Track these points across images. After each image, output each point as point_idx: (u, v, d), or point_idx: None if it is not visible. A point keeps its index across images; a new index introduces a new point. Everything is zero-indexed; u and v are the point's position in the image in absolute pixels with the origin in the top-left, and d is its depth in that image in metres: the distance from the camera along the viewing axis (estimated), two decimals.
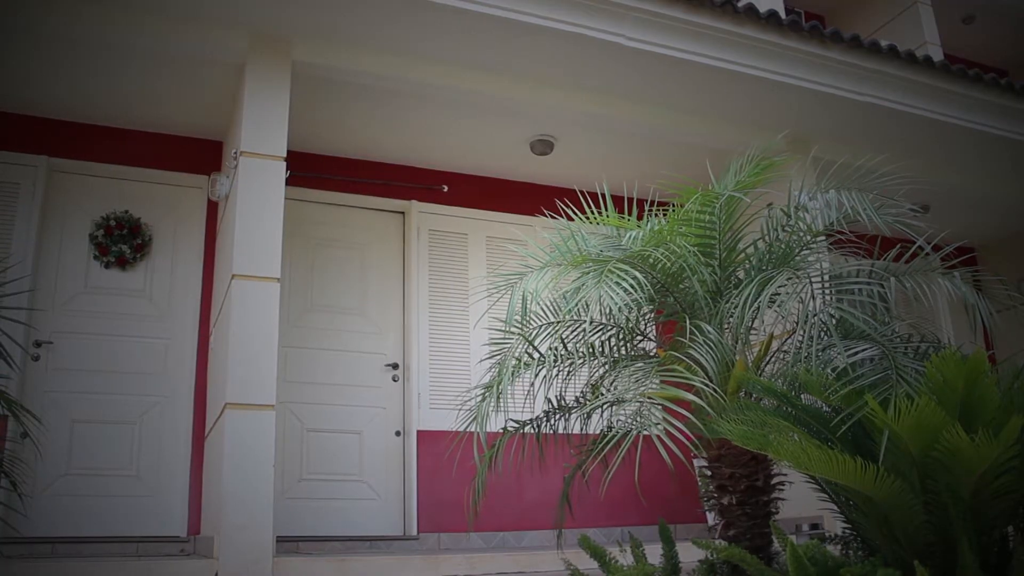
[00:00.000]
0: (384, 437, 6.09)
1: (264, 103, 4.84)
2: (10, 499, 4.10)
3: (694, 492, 3.59)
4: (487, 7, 4.76)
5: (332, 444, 5.90)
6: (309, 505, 5.66)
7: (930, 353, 2.80)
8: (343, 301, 6.24)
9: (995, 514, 2.38)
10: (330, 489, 5.79)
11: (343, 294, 6.25)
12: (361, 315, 6.28)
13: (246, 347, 4.43)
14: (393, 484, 6.00)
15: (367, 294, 6.34)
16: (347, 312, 6.23)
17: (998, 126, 6.45)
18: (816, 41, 5.67)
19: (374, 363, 6.22)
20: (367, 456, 5.98)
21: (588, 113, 5.88)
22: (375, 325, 6.31)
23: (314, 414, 5.89)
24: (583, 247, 3.37)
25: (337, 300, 6.22)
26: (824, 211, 3.36)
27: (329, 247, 6.30)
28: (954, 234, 3.74)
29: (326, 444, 5.88)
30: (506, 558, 4.78)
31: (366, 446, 6.00)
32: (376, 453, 6.02)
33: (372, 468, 5.98)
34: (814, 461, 2.29)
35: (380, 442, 6.06)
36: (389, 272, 6.45)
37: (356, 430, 6.00)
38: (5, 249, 5.22)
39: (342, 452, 5.92)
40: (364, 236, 6.45)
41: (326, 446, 5.87)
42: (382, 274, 6.43)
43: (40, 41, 4.82)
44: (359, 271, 6.36)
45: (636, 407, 2.84)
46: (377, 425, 6.08)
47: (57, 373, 5.30)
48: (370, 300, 6.34)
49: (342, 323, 6.19)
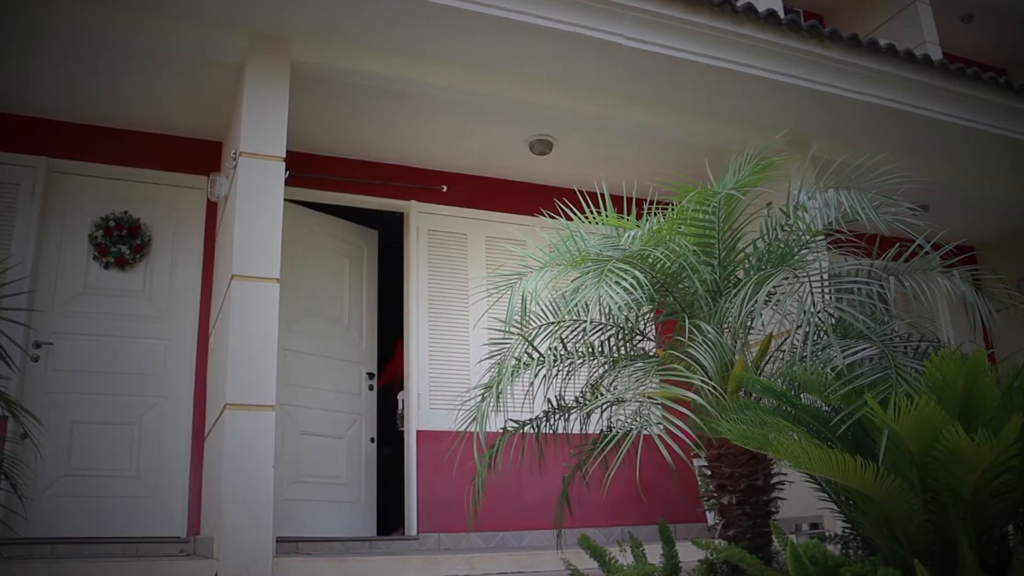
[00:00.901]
0: (362, 443, 6.27)
1: (263, 103, 4.84)
2: (10, 500, 4.10)
3: (694, 492, 3.59)
4: (486, 7, 4.76)
5: (322, 447, 5.97)
6: (296, 506, 5.68)
7: (930, 352, 2.80)
8: (328, 308, 6.31)
9: (995, 513, 2.38)
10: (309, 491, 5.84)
11: (329, 301, 6.32)
12: (339, 322, 6.37)
13: (246, 347, 4.43)
14: (369, 487, 6.20)
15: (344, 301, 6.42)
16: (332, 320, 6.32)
17: (997, 125, 6.45)
18: (815, 40, 5.67)
19: (355, 371, 6.37)
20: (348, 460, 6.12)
21: (587, 113, 5.88)
22: (357, 332, 6.45)
23: (306, 417, 5.91)
24: (582, 247, 3.37)
25: (321, 307, 6.27)
26: (823, 210, 3.36)
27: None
28: (953, 233, 3.74)
29: (316, 447, 5.93)
30: (506, 558, 4.78)
31: (346, 450, 6.11)
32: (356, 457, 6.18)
33: (352, 472, 6.12)
34: (814, 460, 2.30)
35: (359, 447, 6.23)
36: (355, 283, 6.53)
37: (339, 435, 6.08)
38: (5, 250, 5.21)
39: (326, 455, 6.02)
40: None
41: (316, 449, 5.93)
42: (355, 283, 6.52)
43: (40, 41, 4.81)
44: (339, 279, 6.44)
45: (636, 407, 2.84)
46: (356, 431, 6.22)
47: (57, 374, 5.30)
48: (352, 307, 6.46)
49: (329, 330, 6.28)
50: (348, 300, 6.44)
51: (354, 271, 6.57)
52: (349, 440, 6.15)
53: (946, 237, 3.25)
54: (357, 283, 6.56)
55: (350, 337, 6.40)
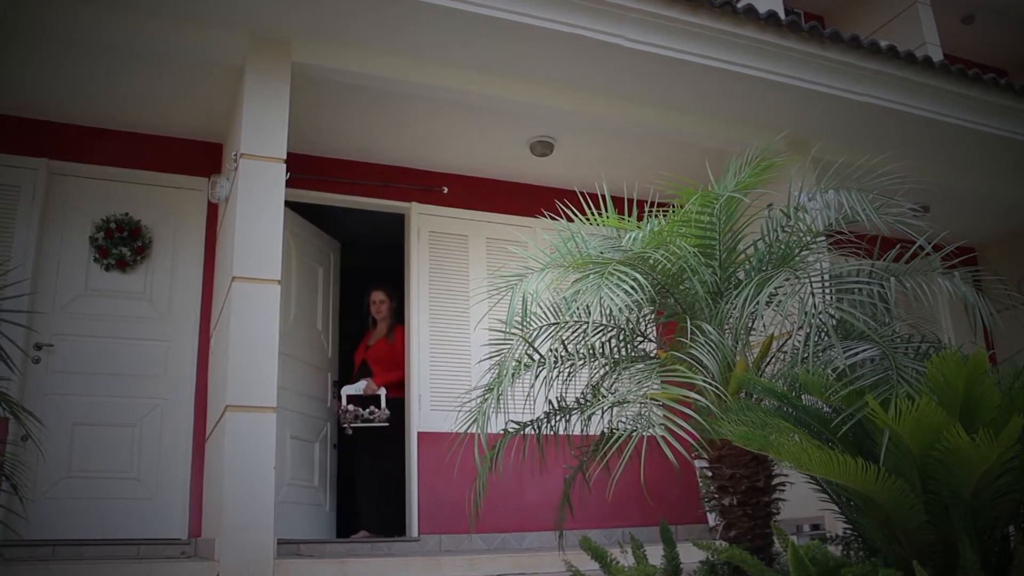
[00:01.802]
0: (328, 448, 6.33)
1: (264, 105, 4.84)
2: (11, 502, 4.09)
3: (695, 493, 3.59)
4: (487, 9, 4.76)
5: (302, 451, 6.00)
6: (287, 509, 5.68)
7: (931, 353, 2.80)
8: (306, 313, 6.34)
9: (996, 514, 2.38)
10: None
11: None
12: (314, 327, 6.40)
13: (246, 349, 4.43)
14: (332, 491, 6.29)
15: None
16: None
17: (998, 126, 6.45)
18: (815, 41, 5.67)
19: (324, 377, 6.44)
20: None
21: (588, 114, 5.88)
22: (326, 338, 6.51)
23: (293, 421, 5.92)
24: (583, 248, 3.36)
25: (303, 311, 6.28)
26: (824, 211, 3.36)
27: None
28: (954, 234, 3.73)
29: (297, 451, 5.95)
30: (507, 559, 4.78)
31: (317, 455, 6.15)
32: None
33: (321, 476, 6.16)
34: (815, 462, 2.29)
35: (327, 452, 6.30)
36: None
37: (312, 439, 6.14)
38: (5, 252, 5.22)
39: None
40: None
41: (298, 453, 5.95)
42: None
43: (40, 43, 4.81)
44: None
45: (637, 408, 2.84)
46: (324, 436, 6.29)
47: (58, 376, 5.30)
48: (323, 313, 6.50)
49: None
50: (321, 306, 6.49)
51: (324, 278, 6.62)
52: (319, 445, 6.22)
53: (947, 238, 3.24)
54: (326, 290, 6.62)
55: (322, 344, 6.45)
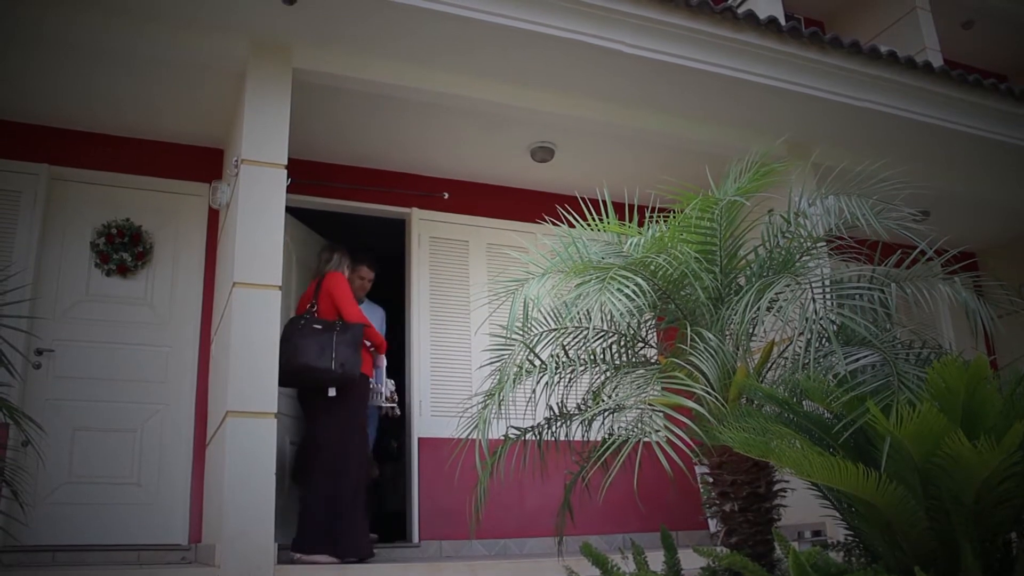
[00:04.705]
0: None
1: (265, 111, 4.85)
2: (11, 507, 4.10)
3: (696, 499, 3.58)
4: (488, 15, 4.77)
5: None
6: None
7: (932, 359, 2.80)
8: None
9: (998, 520, 2.38)
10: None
11: None
12: None
13: (247, 355, 4.43)
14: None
15: None
16: None
17: (998, 131, 6.46)
18: (815, 47, 5.68)
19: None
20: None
21: (588, 120, 5.89)
22: None
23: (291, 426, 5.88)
24: (584, 254, 3.37)
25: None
26: (824, 217, 3.36)
27: None
28: (955, 239, 3.73)
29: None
30: (508, 565, 4.77)
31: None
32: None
33: None
34: (816, 468, 2.29)
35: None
36: None
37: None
38: (6, 257, 5.22)
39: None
40: None
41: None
42: None
43: (40, 48, 4.82)
44: None
45: (637, 414, 2.83)
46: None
47: (58, 381, 5.30)
48: None
49: None
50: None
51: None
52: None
53: (947, 243, 3.24)
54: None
55: None
